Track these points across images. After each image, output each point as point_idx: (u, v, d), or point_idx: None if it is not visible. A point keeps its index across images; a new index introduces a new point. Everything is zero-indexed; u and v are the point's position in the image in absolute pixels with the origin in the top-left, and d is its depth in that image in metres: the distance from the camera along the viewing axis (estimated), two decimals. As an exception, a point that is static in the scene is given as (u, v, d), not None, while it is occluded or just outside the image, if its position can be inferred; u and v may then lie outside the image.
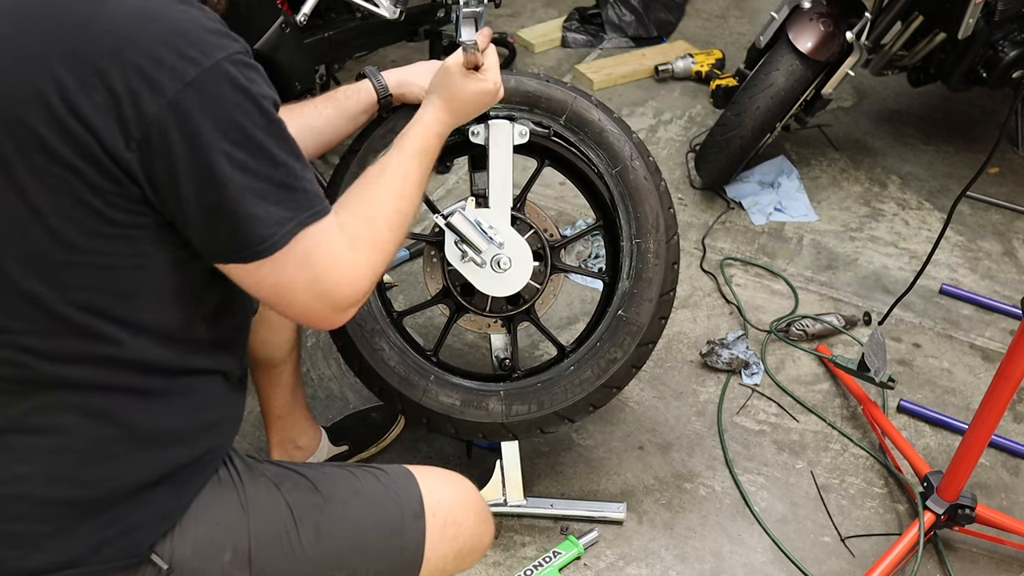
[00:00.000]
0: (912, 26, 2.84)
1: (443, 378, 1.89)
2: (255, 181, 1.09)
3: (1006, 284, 2.75)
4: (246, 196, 1.09)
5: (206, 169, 1.07)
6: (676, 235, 1.91)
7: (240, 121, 1.08)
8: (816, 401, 2.37)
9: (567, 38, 3.74)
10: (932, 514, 1.95)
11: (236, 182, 1.08)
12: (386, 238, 1.28)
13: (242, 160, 1.08)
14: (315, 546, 1.28)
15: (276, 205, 1.10)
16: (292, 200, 1.12)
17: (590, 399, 1.89)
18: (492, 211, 1.85)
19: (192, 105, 1.05)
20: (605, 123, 1.89)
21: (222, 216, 1.09)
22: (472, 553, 1.40)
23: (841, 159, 3.20)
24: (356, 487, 1.35)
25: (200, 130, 1.06)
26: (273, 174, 1.10)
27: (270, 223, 1.10)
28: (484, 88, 1.58)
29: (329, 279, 1.17)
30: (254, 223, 1.10)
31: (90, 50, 1.05)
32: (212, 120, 1.06)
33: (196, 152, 1.06)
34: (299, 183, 1.13)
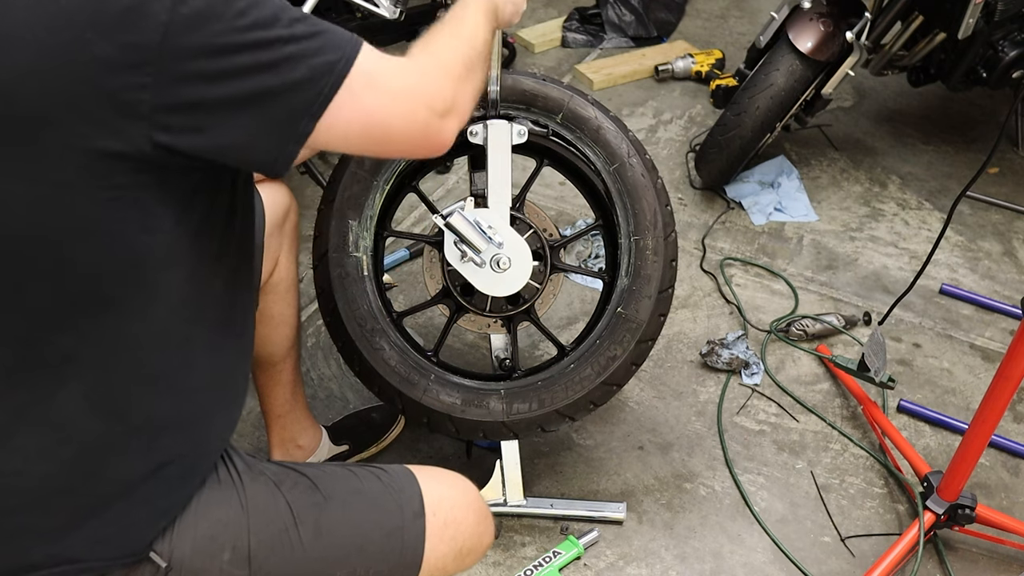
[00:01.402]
0: (912, 26, 2.84)
1: (443, 377, 1.90)
2: (280, 50, 1.05)
3: (1006, 284, 2.75)
4: (279, 68, 1.05)
5: (227, 69, 1.03)
6: (674, 232, 1.91)
7: (235, 7, 1.03)
8: (816, 401, 2.37)
9: (567, 38, 3.74)
10: (932, 514, 1.95)
11: (263, 61, 1.05)
12: (455, 51, 1.24)
13: (256, 39, 1.04)
14: (315, 545, 1.28)
15: (312, 58, 1.07)
16: (323, 47, 1.08)
17: (590, 397, 1.89)
18: (491, 211, 1.85)
19: (187, 17, 1.00)
20: (601, 121, 1.89)
21: (267, 100, 1.06)
22: (472, 553, 1.40)
23: (841, 159, 3.20)
24: (356, 486, 1.34)
25: (204, 36, 1.01)
26: (293, 33, 1.07)
27: (316, 74, 1.07)
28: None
29: (407, 82, 1.14)
30: (299, 86, 1.07)
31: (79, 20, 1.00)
32: (211, 21, 1.01)
33: (210, 58, 1.02)
34: (319, 27, 1.10)
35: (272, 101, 1.06)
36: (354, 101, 1.10)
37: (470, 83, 1.24)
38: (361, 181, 1.88)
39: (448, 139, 1.18)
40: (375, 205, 1.89)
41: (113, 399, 1.15)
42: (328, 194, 1.90)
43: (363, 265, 1.87)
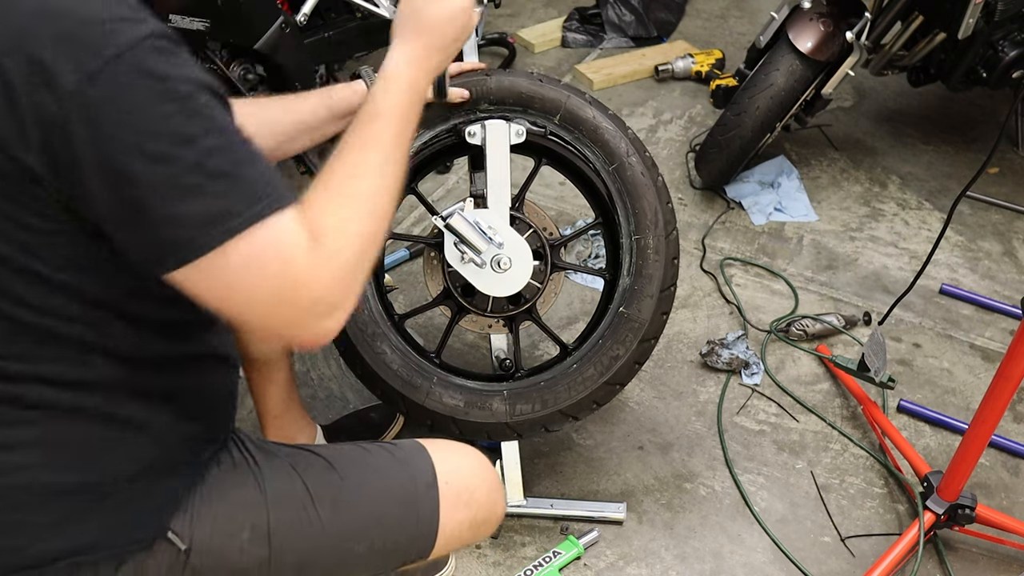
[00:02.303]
0: (912, 26, 2.84)
1: (446, 379, 1.90)
2: (178, 175, 0.97)
3: (1006, 284, 2.75)
4: (167, 193, 0.97)
5: (117, 168, 0.96)
6: (675, 230, 1.91)
7: (156, 110, 0.96)
8: (816, 401, 2.37)
9: (567, 38, 3.74)
10: (932, 514, 1.95)
11: (153, 178, 0.96)
12: (364, 222, 1.12)
13: (161, 152, 0.96)
14: (333, 521, 1.30)
15: (208, 199, 0.97)
16: (228, 193, 0.99)
17: (594, 396, 1.89)
18: (491, 211, 1.85)
19: (96, 98, 0.94)
20: (600, 120, 1.89)
21: (142, 217, 0.98)
22: (486, 523, 1.42)
23: (841, 159, 3.20)
24: (369, 461, 1.36)
25: (105, 125, 0.95)
26: (204, 162, 0.97)
27: (199, 222, 0.98)
28: (458, 4, 1.32)
29: (288, 280, 1.03)
30: (179, 223, 0.98)
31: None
32: (120, 113, 0.95)
33: (103, 150, 0.96)
34: (239, 170, 1.00)
35: (144, 222, 0.98)
36: (227, 269, 1.00)
37: (374, 233, 1.13)
38: (361, 181, 1.87)
39: (327, 336, 1.08)
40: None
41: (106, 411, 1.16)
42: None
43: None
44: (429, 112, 1.87)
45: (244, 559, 1.25)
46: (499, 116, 1.86)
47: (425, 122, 1.87)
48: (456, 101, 1.81)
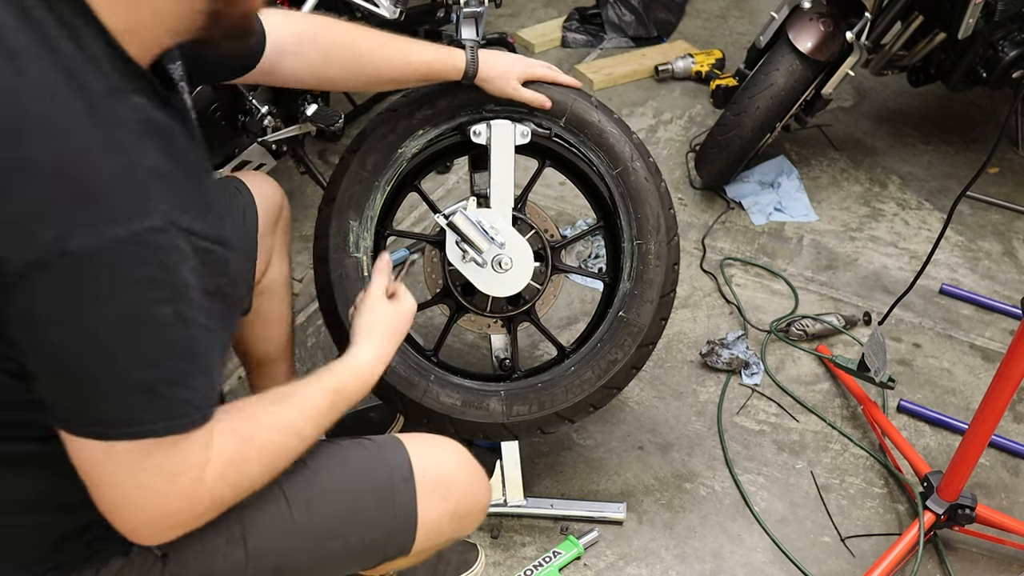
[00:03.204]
0: (912, 26, 2.84)
1: (443, 378, 1.90)
2: (101, 374, 0.95)
3: (1006, 284, 2.75)
4: (87, 383, 0.95)
5: (49, 340, 0.94)
6: (676, 236, 1.92)
7: (111, 307, 0.93)
8: (816, 401, 2.37)
9: (567, 38, 3.74)
10: (932, 514, 1.95)
11: (79, 366, 0.94)
12: (261, 478, 1.16)
13: (96, 346, 0.94)
14: (307, 519, 1.28)
15: (129, 406, 0.97)
16: (153, 407, 0.98)
17: (590, 400, 1.89)
18: (493, 211, 1.85)
19: (64, 273, 0.91)
20: (605, 124, 1.89)
21: (56, 380, 0.97)
22: (469, 515, 1.40)
23: (841, 159, 3.20)
24: (343, 456, 1.35)
25: (58, 300, 0.91)
26: (131, 372, 0.96)
27: (105, 418, 0.97)
28: (410, 310, 1.48)
29: (164, 495, 1.04)
30: (85, 407, 0.97)
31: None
32: (77, 296, 0.92)
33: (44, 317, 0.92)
34: (161, 389, 0.98)
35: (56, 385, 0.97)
36: (109, 462, 0.99)
37: (249, 487, 1.15)
38: (362, 181, 1.88)
39: (150, 541, 1.10)
40: (376, 205, 1.89)
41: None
42: (329, 194, 1.90)
43: (363, 266, 1.87)
44: (434, 110, 1.87)
45: (222, 562, 1.24)
46: (504, 116, 1.86)
47: (430, 120, 1.88)
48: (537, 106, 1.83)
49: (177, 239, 0.96)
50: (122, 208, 0.92)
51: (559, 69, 1.88)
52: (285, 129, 2.54)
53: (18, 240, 0.90)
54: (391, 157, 1.88)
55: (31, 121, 0.91)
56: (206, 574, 1.24)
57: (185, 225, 0.97)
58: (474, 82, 1.77)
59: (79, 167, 0.91)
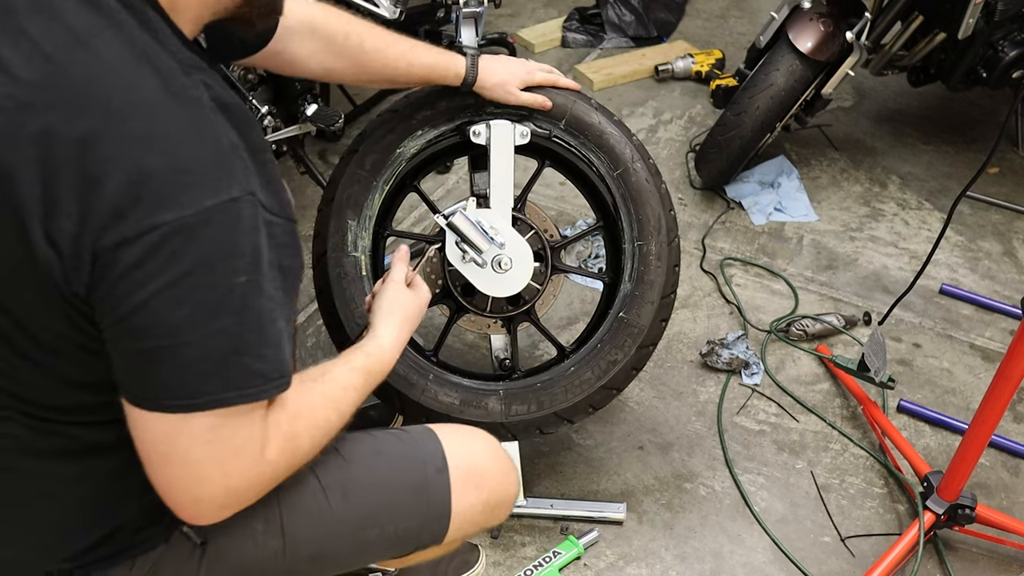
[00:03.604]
0: (912, 26, 2.84)
1: (442, 377, 1.90)
2: (176, 344, 0.97)
3: (1006, 284, 2.75)
4: (157, 353, 0.97)
5: (129, 310, 0.96)
6: (677, 238, 1.92)
7: (197, 280, 0.96)
8: (816, 401, 2.37)
9: (567, 38, 3.74)
10: (932, 514, 1.95)
11: (154, 337, 0.96)
12: (312, 451, 1.18)
13: (179, 318, 0.96)
14: (343, 508, 1.30)
15: (190, 374, 0.98)
16: (211, 374, 0.99)
17: (590, 400, 1.89)
18: (493, 211, 1.85)
19: (149, 247, 0.94)
20: (605, 126, 1.89)
21: (126, 355, 0.99)
22: (500, 506, 1.43)
23: (841, 159, 3.20)
24: (378, 448, 1.37)
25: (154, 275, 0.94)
26: (206, 341, 0.98)
27: (171, 387, 0.99)
28: (425, 299, 1.52)
29: (222, 469, 1.05)
30: (151, 379, 0.99)
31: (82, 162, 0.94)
32: (164, 268, 0.94)
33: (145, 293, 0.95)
34: (233, 358, 1.00)
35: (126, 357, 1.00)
36: (174, 434, 1.01)
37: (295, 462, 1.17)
38: (361, 181, 1.88)
39: (202, 520, 1.09)
40: (374, 205, 1.89)
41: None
42: (328, 194, 1.90)
43: (362, 265, 1.87)
44: (434, 111, 1.87)
45: (259, 551, 1.26)
46: (504, 117, 1.86)
47: (429, 120, 1.88)
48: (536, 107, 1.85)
49: (256, 208, 0.98)
50: (208, 180, 0.95)
51: (558, 71, 1.88)
52: (285, 129, 2.54)
53: (112, 216, 0.93)
54: (390, 157, 1.88)
55: (115, 102, 0.94)
56: (243, 562, 1.25)
57: (260, 197, 0.99)
58: (473, 89, 1.78)
59: (165, 144, 0.94)
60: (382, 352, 1.38)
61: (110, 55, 0.96)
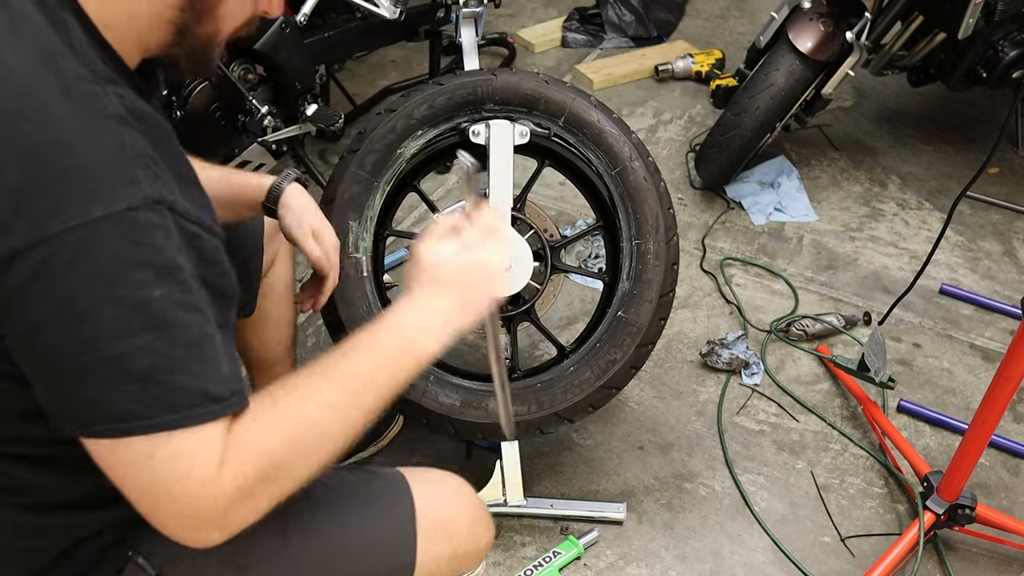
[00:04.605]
0: (912, 26, 2.84)
1: (442, 378, 1.90)
2: (95, 363, 0.90)
3: (1006, 284, 2.75)
4: (80, 375, 0.91)
5: (38, 330, 0.90)
6: (676, 236, 1.91)
7: (101, 292, 0.89)
8: (816, 401, 2.37)
9: (567, 38, 3.74)
10: (932, 514, 1.95)
11: (71, 357, 0.90)
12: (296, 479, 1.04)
13: (87, 335, 0.90)
14: (302, 552, 1.26)
15: (115, 395, 0.91)
16: (138, 396, 0.92)
17: (589, 400, 1.89)
18: (492, 211, 1.85)
19: (44, 260, 0.87)
20: (604, 124, 1.89)
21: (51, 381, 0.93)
22: (468, 556, 1.37)
23: (841, 159, 3.20)
24: (346, 491, 1.31)
25: (45, 288, 0.88)
26: (125, 360, 0.91)
27: (102, 412, 0.92)
28: (507, 262, 1.18)
29: (176, 493, 0.95)
30: (83, 403, 0.92)
31: None
32: (63, 282, 0.88)
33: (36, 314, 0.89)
34: (161, 376, 0.92)
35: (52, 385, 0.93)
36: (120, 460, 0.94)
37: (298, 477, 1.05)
38: (361, 182, 1.88)
39: (202, 544, 1.00)
40: (375, 206, 1.89)
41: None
42: (328, 194, 1.90)
43: (363, 266, 1.87)
44: (433, 111, 1.87)
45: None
46: (504, 116, 1.86)
47: (429, 120, 1.88)
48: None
49: (164, 219, 0.92)
50: (102, 188, 0.89)
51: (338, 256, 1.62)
52: (285, 129, 2.54)
53: (39, 207, 0.87)
54: (390, 157, 1.88)
55: (5, 105, 0.89)
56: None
57: (171, 204, 0.93)
58: (276, 208, 1.55)
59: (53, 149, 0.88)
60: (402, 332, 1.11)
61: (8, 53, 0.91)
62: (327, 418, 1.05)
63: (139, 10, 0.99)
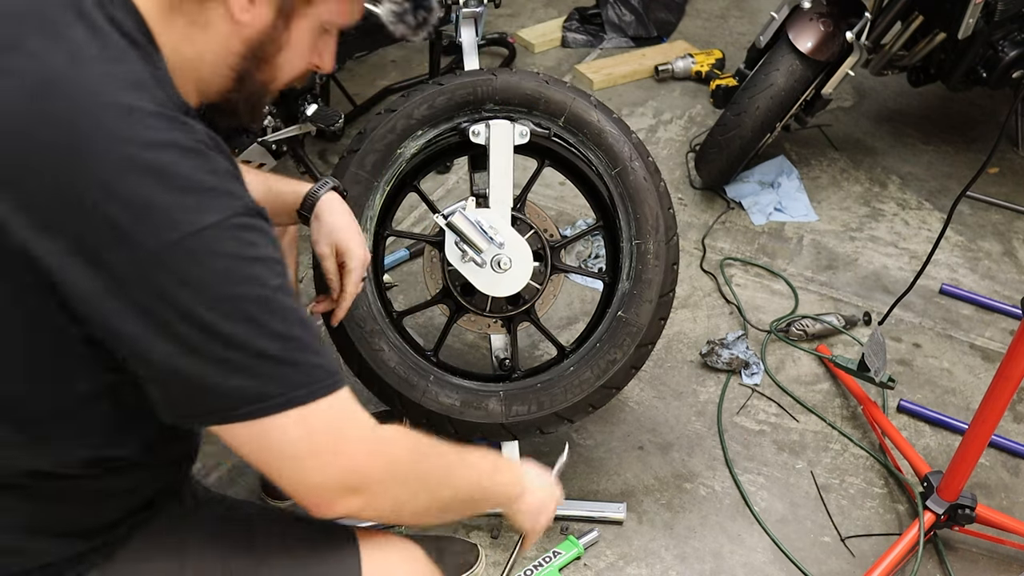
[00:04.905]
0: (912, 26, 2.84)
1: (443, 378, 1.90)
2: (230, 354, 0.98)
3: (1006, 284, 2.75)
4: (217, 367, 0.98)
5: (174, 332, 0.96)
6: (676, 236, 1.91)
7: (224, 291, 0.97)
8: (816, 401, 2.37)
9: (567, 38, 3.74)
10: (932, 514, 1.95)
11: (208, 352, 0.97)
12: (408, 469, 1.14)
13: (227, 330, 0.97)
14: None
15: (255, 379, 0.99)
16: (285, 376, 1.01)
17: (589, 400, 1.89)
18: (492, 211, 1.85)
19: (169, 267, 0.95)
20: (604, 124, 1.89)
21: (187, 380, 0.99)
22: None
23: (841, 159, 3.20)
24: (294, 553, 1.26)
25: (172, 294, 0.95)
26: (264, 345, 0.99)
27: (243, 396, 0.99)
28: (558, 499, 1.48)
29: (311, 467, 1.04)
30: (223, 393, 1.00)
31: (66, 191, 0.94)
32: (190, 285, 0.95)
33: (167, 314, 0.96)
34: (298, 356, 1.02)
35: (187, 384, 0.99)
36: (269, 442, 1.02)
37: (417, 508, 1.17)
38: (361, 182, 1.88)
39: (328, 513, 1.08)
40: (375, 206, 1.89)
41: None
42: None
43: (363, 266, 1.87)
44: (433, 111, 1.87)
45: None
46: (504, 116, 1.86)
47: (429, 120, 1.88)
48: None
49: (260, 223, 1.02)
50: (210, 200, 0.97)
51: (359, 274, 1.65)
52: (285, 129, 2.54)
53: (123, 240, 0.94)
54: (390, 157, 1.88)
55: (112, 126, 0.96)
56: None
57: (260, 211, 1.02)
58: (310, 217, 1.61)
59: (165, 168, 0.95)
60: (514, 472, 1.35)
61: (106, 79, 0.97)
62: (445, 476, 1.19)
63: (206, 54, 1.08)
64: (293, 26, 1.13)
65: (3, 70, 0.97)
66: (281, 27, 1.11)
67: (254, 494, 2.06)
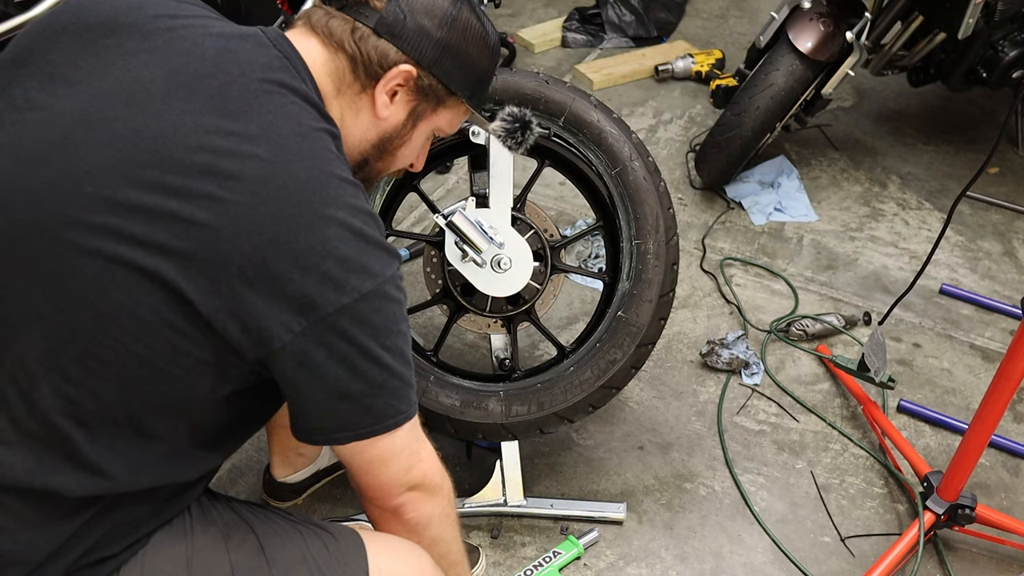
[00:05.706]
0: (912, 26, 2.84)
1: (443, 378, 1.90)
2: (385, 379, 1.18)
3: (1006, 284, 2.75)
4: (371, 390, 1.17)
5: (352, 367, 1.15)
6: (676, 236, 1.91)
7: (391, 328, 1.17)
8: (816, 401, 2.37)
9: (567, 38, 3.74)
10: (932, 514, 1.95)
11: (367, 379, 1.16)
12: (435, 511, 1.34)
13: (383, 361, 1.17)
14: None
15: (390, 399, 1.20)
16: (404, 396, 1.22)
17: (589, 400, 1.89)
18: (492, 211, 1.85)
19: (343, 324, 1.12)
20: (604, 124, 1.89)
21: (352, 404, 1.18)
22: None
23: (841, 159, 3.20)
24: (302, 554, 1.29)
25: (353, 333, 1.13)
26: (401, 370, 1.20)
27: (386, 414, 1.20)
28: None
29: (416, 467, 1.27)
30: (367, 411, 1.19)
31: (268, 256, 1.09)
32: (370, 324, 1.15)
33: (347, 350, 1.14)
34: (409, 376, 1.23)
35: (346, 402, 1.17)
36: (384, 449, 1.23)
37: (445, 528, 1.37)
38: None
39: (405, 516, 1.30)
40: (375, 206, 1.89)
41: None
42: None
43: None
44: None
45: None
46: None
47: None
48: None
49: (400, 274, 1.20)
50: (382, 258, 1.16)
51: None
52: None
53: (302, 308, 1.10)
54: (390, 157, 1.88)
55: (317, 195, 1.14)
56: None
57: (399, 265, 1.20)
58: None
59: (358, 232, 1.13)
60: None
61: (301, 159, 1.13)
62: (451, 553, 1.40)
63: (350, 137, 1.27)
64: (417, 128, 1.31)
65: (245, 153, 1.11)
66: (409, 127, 1.30)
67: (255, 495, 2.06)
